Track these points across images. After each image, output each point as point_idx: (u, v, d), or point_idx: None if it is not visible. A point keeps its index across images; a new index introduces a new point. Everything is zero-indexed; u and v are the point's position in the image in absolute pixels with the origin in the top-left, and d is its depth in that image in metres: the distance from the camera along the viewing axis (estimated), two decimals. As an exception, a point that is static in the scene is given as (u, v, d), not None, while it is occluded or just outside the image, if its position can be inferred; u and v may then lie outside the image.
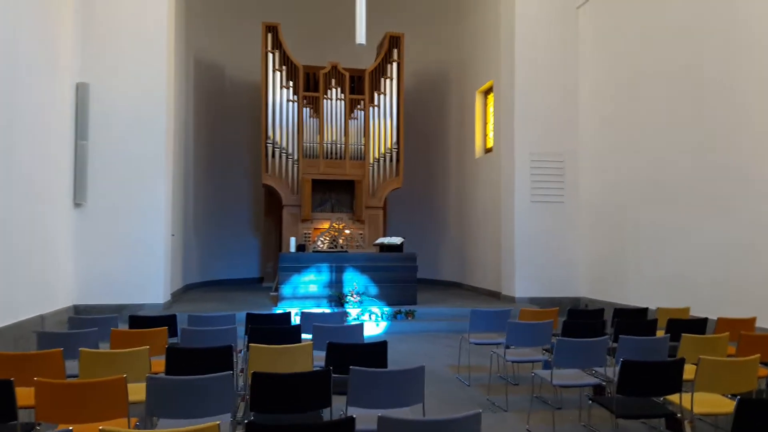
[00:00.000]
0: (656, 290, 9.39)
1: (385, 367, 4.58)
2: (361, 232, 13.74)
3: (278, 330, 5.45)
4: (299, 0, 15.82)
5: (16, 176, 7.71)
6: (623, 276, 10.32)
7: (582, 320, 6.38)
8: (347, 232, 12.46)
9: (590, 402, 4.34)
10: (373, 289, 10.73)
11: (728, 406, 4.21)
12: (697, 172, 8.54)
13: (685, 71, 8.85)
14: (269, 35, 13.79)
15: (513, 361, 5.91)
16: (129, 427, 3.36)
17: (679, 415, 4.13)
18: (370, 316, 10.18)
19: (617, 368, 4.03)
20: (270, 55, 13.75)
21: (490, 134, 13.78)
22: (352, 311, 10.19)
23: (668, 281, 9.13)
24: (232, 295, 12.74)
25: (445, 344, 8.91)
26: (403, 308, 10.38)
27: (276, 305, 10.61)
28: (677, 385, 4.08)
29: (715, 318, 6.38)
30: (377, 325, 10.01)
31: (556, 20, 11.89)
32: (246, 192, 16.05)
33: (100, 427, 2.37)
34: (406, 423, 2.64)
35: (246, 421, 2.61)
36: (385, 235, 14.00)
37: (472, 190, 14.27)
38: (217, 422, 2.50)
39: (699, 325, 6.14)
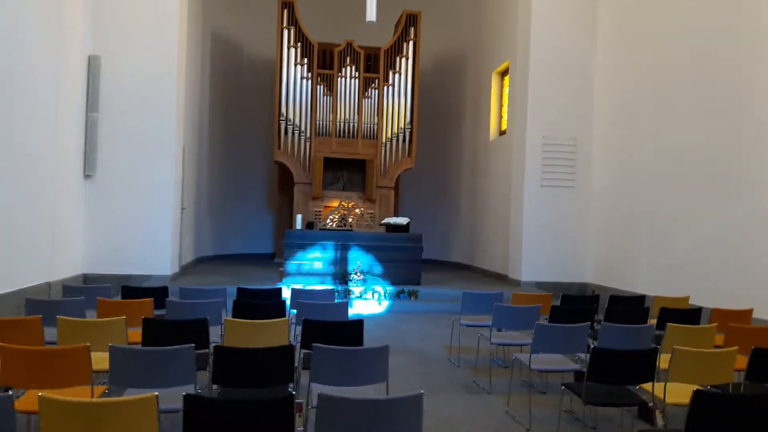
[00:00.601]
0: (664, 279, 9.22)
1: (361, 344, 4.60)
2: (371, 211, 13.75)
3: (264, 305, 5.50)
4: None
5: (27, 147, 7.89)
6: (632, 263, 10.16)
7: (574, 306, 6.32)
8: (357, 211, 12.48)
9: (562, 388, 4.30)
10: (378, 268, 10.75)
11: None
12: (712, 162, 8.26)
13: (704, 61, 8.51)
14: (285, 11, 13.75)
15: (498, 344, 5.88)
16: (92, 395, 3.43)
17: (650, 404, 4.08)
18: (372, 294, 10.22)
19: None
20: (285, 32, 13.72)
21: (505, 116, 13.60)
22: (356, 289, 10.24)
23: (677, 270, 8.95)
24: (242, 269, 12.89)
25: (445, 325, 8.88)
26: (407, 288, 10.39)
27: (281, 281, 10.70)
28: (649, 375, 4.02)
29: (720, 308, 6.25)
30: (379, 303, 10.05)
31: (575, 2, 11.60)
32: (261, 169, 16.15)
33: (39, 394, 2.42)
34: (345, 401, 2.65)
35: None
36: (396, 215, 13.98)
37: (485, 173, 14.14)
38: (155, 394, 2.54)
39: (692, 315, 6.03)
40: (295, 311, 5.51)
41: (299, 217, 11.56)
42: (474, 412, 5.10)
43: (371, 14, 10.35)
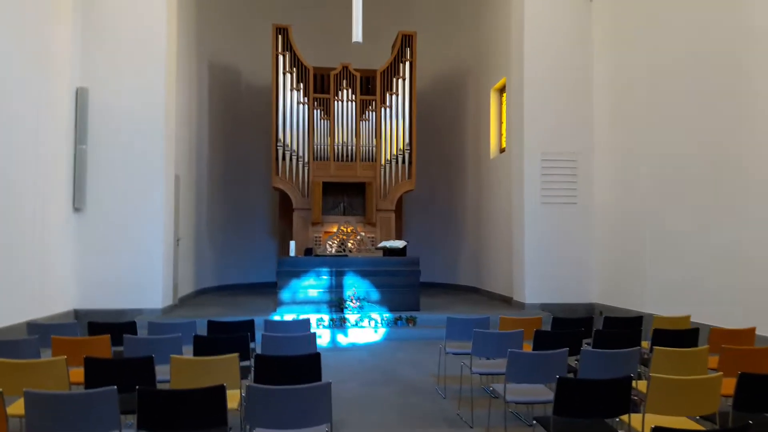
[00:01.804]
0: (673, 296, 8.74)
1: (319, 380, 4.29)
2: (372, 235, 13.47)
3: (228, 340, 5.23)
4: (312, 0, 15.67)
5: (15, 180, 7.92)
6: (639, 281, 9.69)
7: (562, 330, 5.94)
8: (358, 236, 12.22)
9: (533, 422, 3.94)
10: (375, 294, 10.44)
11: (689, 426, 3.77)
12: (719, 174, 7.78)
13: (705, 66, 8.13)
14: (279, 37, 13.71)
15: (480, 374, 5.52)
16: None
17: (627, 439, 3.70)
18: (369, 322, 9.91)
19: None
20: (280, 57, 13.66)
21: (505, 133, 13.30)
22: (351, 317, 9.94)
23: (685, 287, 8.45)
24: (241, 300, 12.66)
25: (441, 352, 8.55)
26: (404, 314, 10.07)
27: (275, 310, 10.44)
28: (623, 406, 3.65)
29: (729, 327, 5.83)
30: (375, 331, 9.73)
31: (567, 14, 11.33)
32: (263, 196, 16.00)
33: None
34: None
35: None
36: (398, 239, 13.68)
37: (488, 192, 13.82)
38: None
39: (689, 337, 5.63)
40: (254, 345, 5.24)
41: (292, 243, 11.34)
42: (449, 449, 4.75)
43: (357, 35, 10.18)
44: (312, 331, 5.74)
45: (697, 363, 4.63)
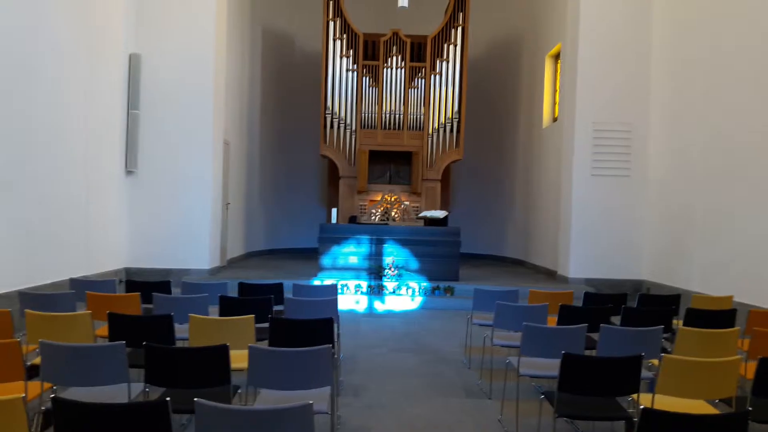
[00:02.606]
0: (725, 276, 8.32)
1: (330, 343, 4.34)
2: (417, 204, 13.42)
3: (252, 302, 5.36)
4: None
5: (69, 143, 8.31)
6: (690, 259, 9.28)
7: (591, 305, 5.78)
8: (402, 205, 12.21)
9: (541, 396, 3.88)
10: (414, 263, 10.44)
11: (702, 409, 3.61)
12: None
13: (766, 47, 7.58)
14: (330, 3, 13.63)
15: (501, 345, 5.46)
16: (25, 392, 3.39)
17: (635, 419, 3.58)
18: (407, 290, 9.94)
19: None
20: (331, 24, 13.61)
21: (558, 102, 12.87)
22: (389, 285, 9.99)
23: (738, 267, 8.03)
24: (287, 264, 12.92)
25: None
26: (442, 284, 10.03)
27: (316, 275, 10.62)
28: (633, 386, 3.53)
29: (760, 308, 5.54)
30: (412, 299, 9.76)
31: (627, -22, 10.76)
32: (313, 163, 16.14)
33: None
34: (222, 411, 2.42)
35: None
36: (444, 209, 13.58)
37: (538, 163, 13.47)
38: (22, 396, 2.41)
39: (725, 318, 5.37)
40: (281, 308, 5.35)
41: (334, 210, 11.44)
42: (464, 419, 4.74)
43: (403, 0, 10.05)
44: (337, 296, 5.79)
45: (726, 345, 4.42)
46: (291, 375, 3.42)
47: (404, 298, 9.75)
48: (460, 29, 13.60)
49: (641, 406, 2.76)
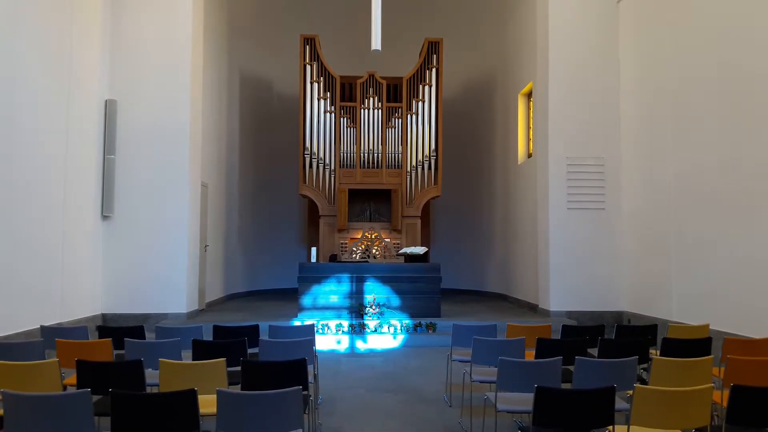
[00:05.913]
0: (704, 305, 8.35)
1: (303, 385, 4.28)
2: (397, 241, 13.44)
3: (224, 345, 5.29)
4: (340, 10, 15.74)
5: (45, 190, 8.27)
6: (668, 289, 9.34)
7: (567, 338, 5.79)
8: (383, 242, 12.22)
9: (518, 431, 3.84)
10: (395, 300, 10.40)
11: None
12: (754, 179, 7.40)
13: (734, 74, 7.78)
14: (307, 47, 13.86)
15: (480, 381, 5.42)
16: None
17: (612, 452, 3.56)
18: (388, 328, 9.87)
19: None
20: (308, 67, 13.81)
21: (532, 138, 13.09)
22: (371, 323, 9.92)
23: (717, 296, 8.08)
24: (267, 305, 12.78)
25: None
26: (424, 321, 9.98)
27: (297, 315, 10.51)
28: (607, 418, 3.52)
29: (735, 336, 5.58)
30: (395, 338, 9.68)
31: (594, 16, 11.11)
32: (292, 203, 16.15)
33: None
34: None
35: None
36: (424, 245, 13.60)
37: (515, 198, 13.61)
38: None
39: (700, 346, 5.39)
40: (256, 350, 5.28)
41: (314, 249, 11.42)
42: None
43: (376, 43, 10.21)
44: (314, 336, 5.73)
45: (701, 373, 4.43)
46: (261, 419, 3.36)
47: (386, 336, 9.67)
48: (434, 70, 13.87)
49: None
